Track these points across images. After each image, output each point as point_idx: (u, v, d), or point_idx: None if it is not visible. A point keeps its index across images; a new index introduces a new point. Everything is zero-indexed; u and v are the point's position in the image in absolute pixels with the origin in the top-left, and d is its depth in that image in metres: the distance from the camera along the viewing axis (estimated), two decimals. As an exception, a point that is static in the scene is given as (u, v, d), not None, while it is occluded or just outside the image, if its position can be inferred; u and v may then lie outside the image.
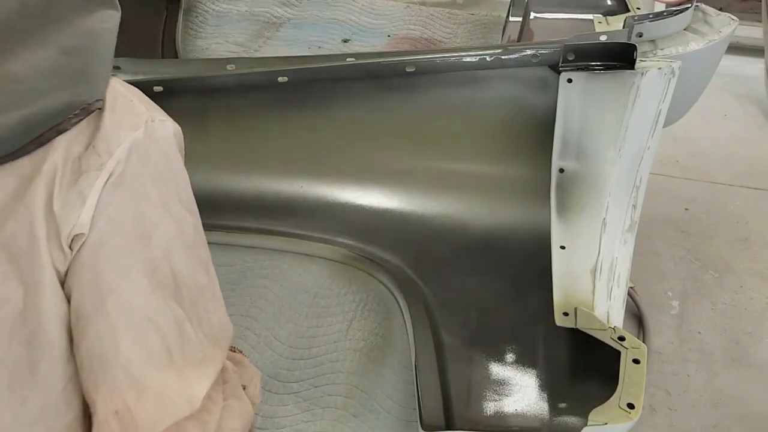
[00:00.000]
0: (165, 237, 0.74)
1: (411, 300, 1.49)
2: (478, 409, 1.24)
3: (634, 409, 1.12)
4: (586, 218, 1.49)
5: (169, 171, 0.76)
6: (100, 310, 0.69)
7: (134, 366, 0.71)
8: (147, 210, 0.73)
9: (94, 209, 0.69)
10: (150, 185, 0.73)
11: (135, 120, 0.73)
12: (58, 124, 0.68)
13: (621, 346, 1.24)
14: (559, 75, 1.48)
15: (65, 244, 0.68)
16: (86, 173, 0.69)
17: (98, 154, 0.69)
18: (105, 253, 0.69)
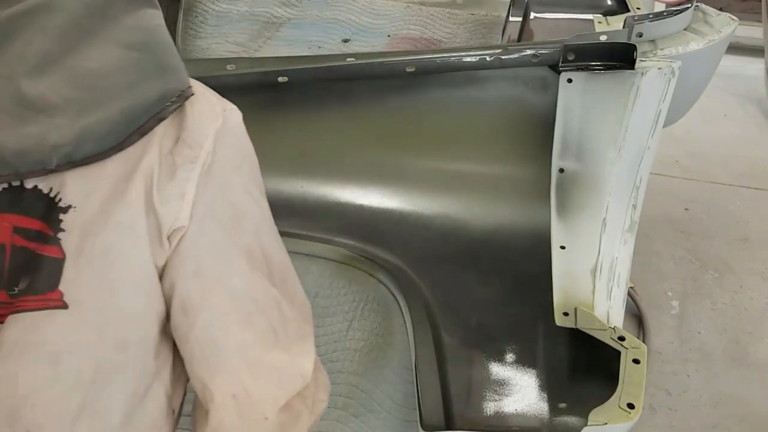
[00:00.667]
0: (253, 221, 0.77)
1: (411, 300, 1.49)
2: (478, 409, 1.24)
3: (634, 409, 1.12)
4: (586, 218, 1.49)
5: (245, 157, 0.79)
6: (207, 299, 0.72)
7: (247, 348, 0.73)
8: (234, 197, 0.76)
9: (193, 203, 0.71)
10: (233, 173, 0.76)
11: (214, 110, 0.76)
12: (158, 113, 0.69)
13: (621, 346, 1.24)
14: (559, 75, 1.48)
15: (165, 238, 0.70)
16: (181, 167, 0.71)
17: (189, 147, 0.72)
18: (206, 243, 0.72)
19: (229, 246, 0.74)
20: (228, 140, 0.76)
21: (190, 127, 0.73)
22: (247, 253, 0.75)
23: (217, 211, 0.73)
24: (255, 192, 0.80)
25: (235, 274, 0.74)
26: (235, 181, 0.76)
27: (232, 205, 0.75)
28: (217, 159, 0.74)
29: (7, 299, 0.68)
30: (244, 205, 0.77)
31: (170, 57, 0.74)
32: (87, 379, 0.68)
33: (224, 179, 0.74)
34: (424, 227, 1.65)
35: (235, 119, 0.78)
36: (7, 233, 0.68)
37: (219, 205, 0.73)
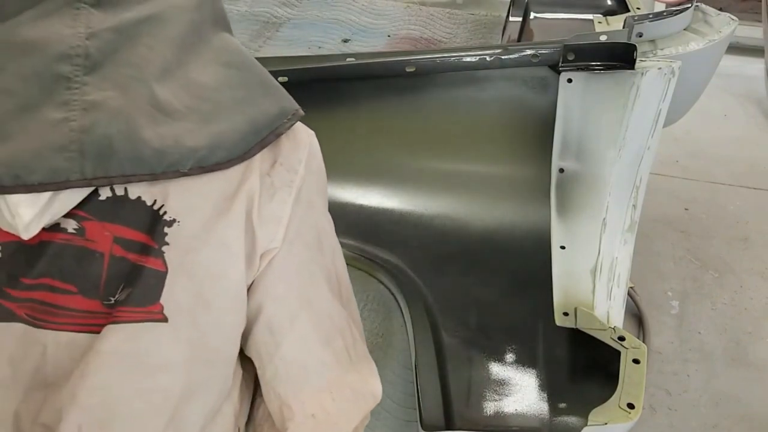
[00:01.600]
0: (330, 242, 0.80)
1: (411, 300, 1.49)
2: (478, 409, 1.24)
3: (634, 409, 1.12)
4: (586, 218, 1.49)
5: (324, 181, 0.81)
6: (295, 320, 0.73)
7: (329, 369, 0.76)
8: (318, 219, 0.78)
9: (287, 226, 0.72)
10: (316, 196, 0.78)
11: (302, 135, 0.78)
12: (277, 127, 0.71)
13: (621, 346, 1.24)
14: (559, 75, 1.48)
15: (258, 258, 0.71)
16: (280, 190, 0.72)
17: (287, 171, 0.73)
18: (295, 264, 0.74)
19: (314, 268, 0.76)
20: (313, 165, 0.78)
21: (285, 151, 0.74)
22: (327, 275, 0.78)
23: (305, 234, 0.75)
24: (328, 213, 0.82)
25: (319, 296, 0.76)
26: (318, 204, 0.78)
27: (315, 228, 0.77)
28: (306, 183, 0.75)
29: (102, 309, 0.67)
30: (324, 228, 0.79)
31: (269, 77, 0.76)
32: (177, 393, 0.68)
33: (310, 203, 0.76)
34: (424, 227, 1.65)
35: (316, 144, 0.80)
36: (108, 243, 0.68)
37: (306, 227, 0.75)
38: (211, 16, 0.74)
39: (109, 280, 0.67)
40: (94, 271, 0.68)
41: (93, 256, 0.68)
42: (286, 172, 0.74)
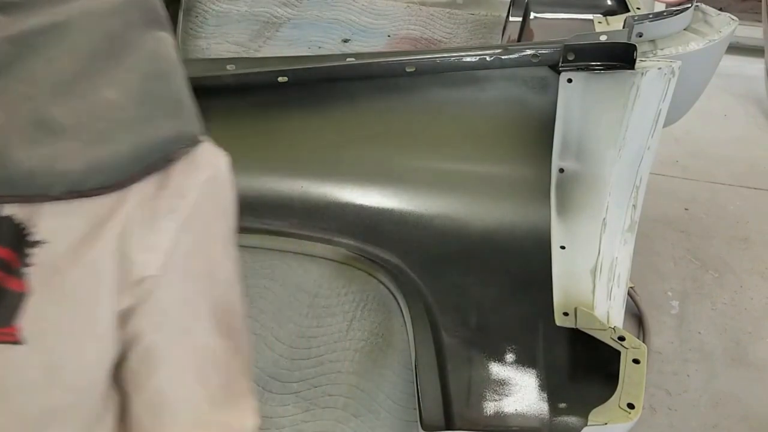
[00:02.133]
0: (226, 274, 0.75)
1: (411, 300, 1.49)
2: (478, 409, 1.24)
3: (634, 409, 1.12)
4: (586, 218, 1.49)
5: (228, 208, 0.77)
6: (170, 351, 0.69)
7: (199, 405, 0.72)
8: (213, 249, 0.73)
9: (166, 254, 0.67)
10: (216, 224, 0.74)
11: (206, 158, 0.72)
12: (167, 154, 0.66)
13: (621, 346, 1.24)
14: (559, 75, 1.48)
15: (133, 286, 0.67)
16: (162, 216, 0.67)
17: (171, 196, 0.68)
18: (178, 295, 0.69)
19: (199, 300, 0.72)
20: (214, 191, 0.73)
21: (175, 175, 0.68)
22: (214, 308, 0.73)
23: (193, 264, 0.70)
24: (232, 242, 0.77)
25: (200, 329, 0.72)
26: (216, 233, 0.74)
27: (208, 259, 0.73)
28: (200, 210, 0.70)
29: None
30: (221, 258, 0.75)
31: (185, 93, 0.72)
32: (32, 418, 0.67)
33: (205, 232, 0.72)
34: (424, 227, 1.65)
35: (224, 168, 0.75)
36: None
37: (195, 258, 0.71)
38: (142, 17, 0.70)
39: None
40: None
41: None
42: (171, 198, 0.68)
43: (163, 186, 0.68)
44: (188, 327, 0.71)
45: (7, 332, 0.65)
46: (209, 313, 0.72)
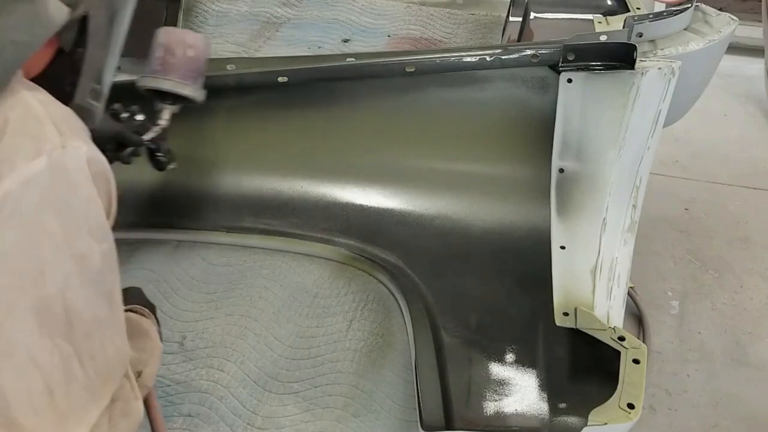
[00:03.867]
0: (62, 273, 0.70)
1: (411, 300, 1.49)
2: (478, 409, 1.24)
3: (634, 409, 1.12)
4: (586, 218, 1.49)
5: (78, 201, 0.72)
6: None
7: (11, 406, 0.68)
8: (44, 245, 0.69)
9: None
10: (52, 219, 0.69)
11: (38, 146, 0.68)
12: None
13: (621, 346, 1.24)
14: (559, 75, 1.48)
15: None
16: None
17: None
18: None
19: (17, 297, 0.67)
20: (53, 182, 0.69)
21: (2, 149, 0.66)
22: (42, 307, 0.68)
23: (13, 259, 0.67)
24: (81, 240, 0.72)
25: (16, 328, 0.67)
26: (51, 228, 0.69)
27: (36, 254, 0.68)
28: (27, 202, 0.67)
29: None
30: (55, 255, 0.69)
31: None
32: None
33: (35, 225, 0.68)
34: (424, 227, 1.66)
35: (74, 160, 0.71)
36: None
37: (18, 252, 0.67)
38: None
39: None
40: None
41: None
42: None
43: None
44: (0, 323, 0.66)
45: None
46: (32, 314, 0.68)
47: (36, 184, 0.68)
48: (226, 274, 1.65)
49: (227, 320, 1.53)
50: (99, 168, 0.76)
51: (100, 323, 0.75)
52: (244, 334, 1.50)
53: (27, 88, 0.75)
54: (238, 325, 1.51)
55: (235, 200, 1.72)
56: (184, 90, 1.30)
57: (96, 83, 0.89)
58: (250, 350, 1.46)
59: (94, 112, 0.90)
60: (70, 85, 0.86)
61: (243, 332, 1.50)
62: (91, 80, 0.88)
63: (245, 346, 1.47)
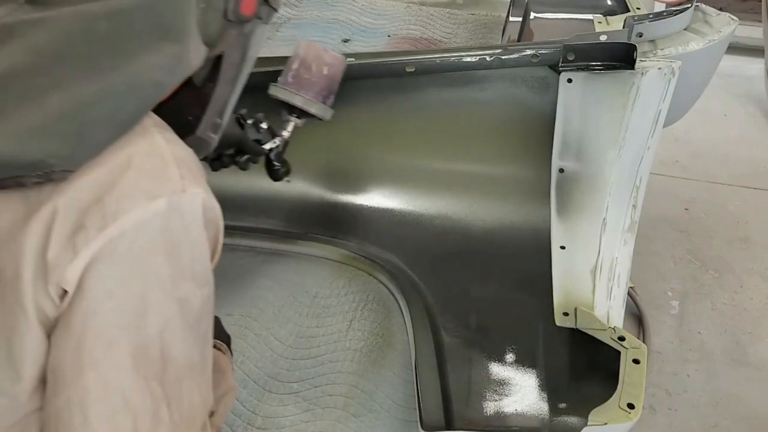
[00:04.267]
0: (164, 316, 0.70)
1: (411, 300, 1.49)
2: (478, 410, 1.24)
3: (634, 409, 1.12)
4: (586, 218, 1.49)
5: (188, 246, 0.72)
6: (77, 380, 0.66)
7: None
8: (151, 287, 0.69)
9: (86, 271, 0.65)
10: (162, 261, 0.69)
11: (159, 187, 0.69)
12: (18, 176, 0.65)
13: (621, 346, 1.24)
14: (559, 75, 1.48)
15: (54, 294, 0.65)
16: (85, 230, 0.65)
17: (103, 215, 0.65)
18: (95, 325, 0.66)
19: (120, 336, 0.67)
20: (168, 225, 0.69)
21: (117, 193, 0.66)
22: (140, 348, 0.68)
23: (120, 296, 0.67)
24: (185, 284, 0.72)
25: (114, 366, 0.67)
26: (160, 270, 0.69)
27: (140, 296, 0.68)
28: (141, 241, 0.67)
29: None
30: (160, 298, 0.69)
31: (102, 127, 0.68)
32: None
33: (145, 265, 0.68)
34: (424, 227, 1.65)
35: (190, 205, 0.71)
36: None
37: (126, 290, 0.67)
38: None
39: None
40: None
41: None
42: (102, 217, 0.65)
43: (100, 199, 0.66)
44: (99, 359, 0.66)
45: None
46: (129, 353, 0.67)
47: (152, 225, 0.68)
48: (226, 275, 1.65)
49: (227, 320, 1.53)
50: (212, 215, 0.76)
51: (192, 368, 0.74)
52: (244, 333, 1.50)
53: (155, 123, 0.75)
54: (238, 325, 1.51)
55: (235, 200, 1.72)
56: (312, 108, 1.30)
57: (218, 117, 0.90)
58: (250, 350, 1.46)
59: (211, 144, 0.91)
60: (193, 117, 0.87)
61: (243, 332, 1.50)
62: (216, 115, 0.89)
63: (245, 346, 1.47)
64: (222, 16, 0.81)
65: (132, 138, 0.71)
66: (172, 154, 0.72)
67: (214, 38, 0.81)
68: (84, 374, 0.66)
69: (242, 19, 0.85)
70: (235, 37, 0.85)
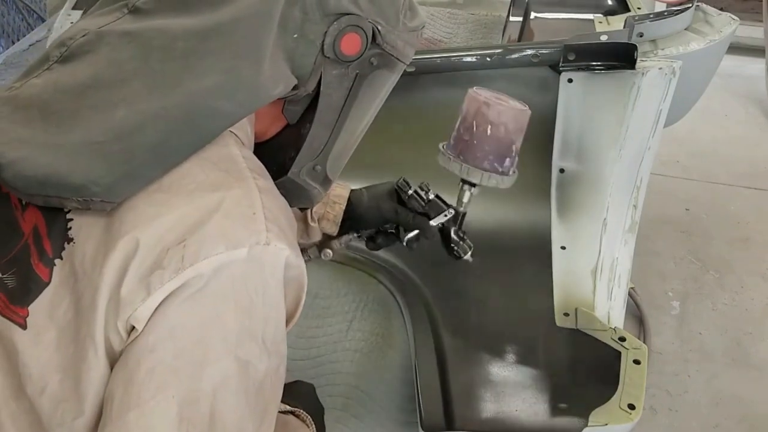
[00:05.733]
0: (222, 372, 0.65)
1: (411, 300, 1.49)
2: (478, 410, 1.24)
3: (635, 410, 1.12)
4: (587, 218, 1.48)
5: (262, 305, 0.68)
6: (120, 416, 0.63)
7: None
8: (216, 338, 0.65)
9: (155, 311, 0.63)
10: (231, 312, 0.66)
11: (243, 236, 0.65)
12: (63, 197, 0.65)
13: (622, 347, 1.24)
14: (560, 75, 1.47)
15: (121, 329, 0.64)
16: (162, 270, 0.63)
17: (182, 257, 0.63)
18: (150, 363, 0.63)
19: (171, 381, 0.63)
20: (246, 276, 0.66)
21: (200, 236, 0.64)
22: (188, 399, 0.64)
23: (182, 340, 0.64)
24: (251, 345, 0.67)
25: (159, 412, 0.63)
26: (228, 322, 0.66)
27: (205, 344, 0.65)
28: (214, 288, 0.64)
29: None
30: (222, 352, 0.65)
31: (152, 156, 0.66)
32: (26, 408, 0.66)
33: (214, 314, 0.65)
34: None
35: (273, 259, 0.68)
36: (30, 228, 0.69)
37: (190, 335, 0.64)
38: None
39: (11, 260, 0.68)
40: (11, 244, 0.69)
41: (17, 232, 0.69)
42: (181, 259, 0.63)
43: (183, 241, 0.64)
44: (144, 401, 0.63)
45: (20, 313, 0.66)
46: (177, 403, 0.63)
47: (228, 272, 0.65)
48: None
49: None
50: (295, 273, 0.73)
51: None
52: (243, 334, 1.50)
53: (252, 168, 0.72)
54: (237, 326, 1.51)
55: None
56: (488, 182, 1.07)
57: (318, 164, 0.86)
58: (249, 350, 1.46)
59: (312, 193, 0.88)
60: (288, 159, 0.84)
61: (243, 332, 1.50)
62: (311, 159, 0.85)
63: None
64: (319, 50, 0.76)
65: (226, 181, 0.68)
66: (263, 204, 0.68)
67: (308, 72, 0.77)
68: (129, 412, 0.63)
69: (343, 59, 0.79)
70: (337, 77, 0.80)
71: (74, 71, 0.69)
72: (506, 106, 1.08)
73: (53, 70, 0.70)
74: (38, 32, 3.59)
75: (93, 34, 0.70)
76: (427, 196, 1.13)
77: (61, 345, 0.66)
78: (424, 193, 1.13)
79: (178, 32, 0.69)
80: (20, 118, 0.67)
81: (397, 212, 1.12)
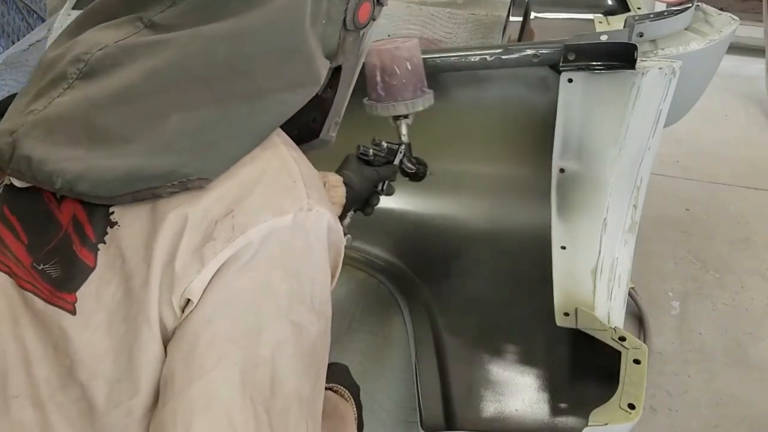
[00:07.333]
0: (278, 336, 0.67)
1: (411, 300, 1.49)
2: (478, 410, 1.24)
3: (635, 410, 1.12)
4: (587, 218, 1.48)
5: (309, 267, 0.70)
6: (184, 390, 0.64)
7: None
8: (268, 303, 0.67)
9: (209, 281, 0.65)
10: (281, 278, 0.67)
11: (287, 203, 0.68)
12: (154, 187, 0.66)
13: (622, 347, 1.24)
14: (560, 75, 1.47)
15: (176, 304, 0.65)
16: (214, 241, 0.65)
17: (232, 227, 0.65)
18: (210, 334, 0.64)
19: (231, 349, 0.65)
20: (292, 241, 0.68)
21: (246, 207, 0.66)
22: (248, 366, 0.65)
23: (238, 309, 0.66)
24: (302, 308, 0.69)
25: (222, 380, 0.64)
26: (278, 287, 0.67)
27: (259, 311, 0.66)
28: (264, 255, 0.66)
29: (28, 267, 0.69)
30: (275, 316, 0.67)
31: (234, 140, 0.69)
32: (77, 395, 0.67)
33: (265, 280, 0.67)
34: (424, 227, 1.65)
35: (316, 224, 0.70)
36: (68, 218, 0.69)
37: (244, 303, 0.66)
38: None
39: (52, 250, 0.69)
40: (50, 236, 0.69)
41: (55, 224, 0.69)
42: (231, 229, 0.65)
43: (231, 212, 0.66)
44: (208, 372, 0.64)
45: (68, 299, 0.67)
46: (239, 370, 0.64)
47: (276, 239, 0.67)
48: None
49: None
50: (335, 237, 0.74)
51: (301, 402, 0.69)
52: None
53: (283, 141, 0.75)
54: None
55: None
56: (417, 108, 1.26)
57: (338, 117, 0.95)
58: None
59: (331, 142, 0.95)
60: (313, 122, 0.90)
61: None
62: (336, 115, 0.93)
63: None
64: (342, 27, 0.82)
65: (262, 154, 0.71)
66: (301, 173, 0.72)
67: (335, 49, 0.82)
68: (192, 384, 0.63)
69: (359, 26, 0.86)
70: (352, 43, 0.86)
71: (102, 86, 0.69)
72: (407, 43, 1.25)
73: (76, 87, 0.70)
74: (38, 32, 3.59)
75: (113, 47, 0.70)
76: (382, 147, 1.28)
77: (111, 326, 0.66)
78: (379, 148, 1.28)
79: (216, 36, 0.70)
80: (63, 139, 0.67)
81: (378, 172, 1.25)
